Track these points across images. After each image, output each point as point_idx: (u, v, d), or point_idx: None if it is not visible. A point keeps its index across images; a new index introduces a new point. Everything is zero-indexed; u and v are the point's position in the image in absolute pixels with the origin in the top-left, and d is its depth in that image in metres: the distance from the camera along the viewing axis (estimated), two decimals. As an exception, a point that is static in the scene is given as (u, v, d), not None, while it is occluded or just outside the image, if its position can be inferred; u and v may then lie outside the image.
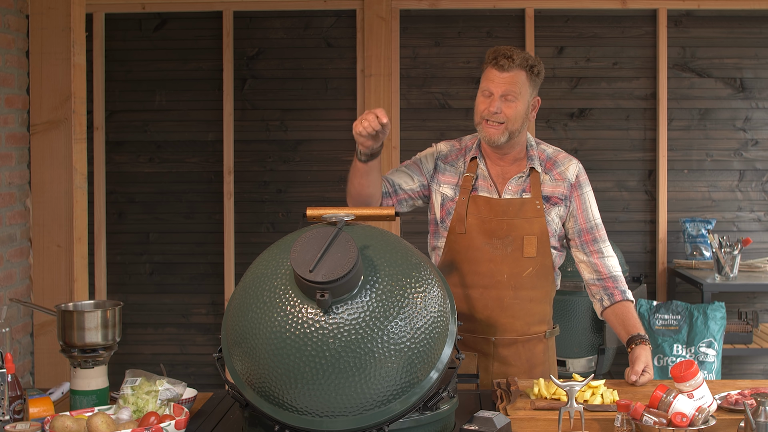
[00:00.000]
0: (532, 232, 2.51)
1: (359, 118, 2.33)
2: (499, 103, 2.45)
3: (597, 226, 2.58)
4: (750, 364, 4.77)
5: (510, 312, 2.53)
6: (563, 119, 4.77)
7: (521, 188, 2.55)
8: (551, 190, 2.55)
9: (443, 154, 2.63)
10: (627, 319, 2.53)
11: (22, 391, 2.07)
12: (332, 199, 4.70)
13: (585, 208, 2.57)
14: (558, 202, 2.55)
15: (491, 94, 2.47)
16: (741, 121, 4.74)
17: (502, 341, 2.55)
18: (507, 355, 2.56)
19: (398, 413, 1.82)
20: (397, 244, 1.99)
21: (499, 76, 2.46)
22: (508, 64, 2.44)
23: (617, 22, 4.76)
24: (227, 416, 2.19)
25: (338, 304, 1.78)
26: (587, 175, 2.62)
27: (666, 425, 1.91)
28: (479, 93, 2.52)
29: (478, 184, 2.56)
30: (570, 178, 2.57)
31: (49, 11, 3.83)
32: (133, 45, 4.81)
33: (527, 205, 2.52)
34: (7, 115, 3.74)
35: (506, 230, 2.50)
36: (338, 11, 4.77)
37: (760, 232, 4.75)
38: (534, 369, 2.60)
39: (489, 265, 2.51)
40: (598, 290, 2.58)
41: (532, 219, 2.51)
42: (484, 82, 2.50)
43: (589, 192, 2.60)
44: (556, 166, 2.58)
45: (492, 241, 2.50)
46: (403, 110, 4.75)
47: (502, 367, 2.56)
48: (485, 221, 2.51)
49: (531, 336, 2.58)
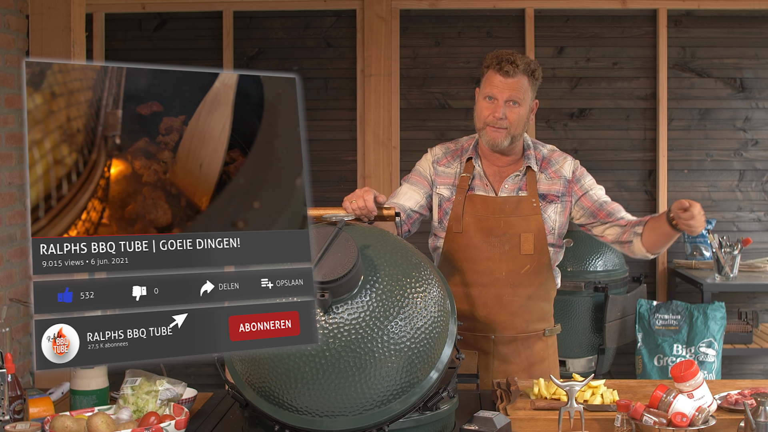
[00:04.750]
0: (528, 230, 2.53)
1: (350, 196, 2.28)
2: (504, 108, 2.48)
3: (607, 202, 2.58)
4: (750, 364, 4.77)
5: (509, 309, 2.55)
6: (563, 119, 4.77)
7: (517, 186, 2.57)
8: (547, 188, 2.57)
9: (438, 157, 2.65)
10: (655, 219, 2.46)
11: (22, 391, 2.07)
12: (332, 199, 4.70)
13: (587, 192, 2.59)
14: (554, 199, 2.57)
15: (495, 100, 2.49)
16: (741, 121, 4.74)
17: (501, 339, 2.57)
18: (507, 352, 2.58)
19: (398, 413, 1.82)
20: (397, 244, 1.99)
21: (503, 82, 2.47)
22: (513, 70, 2.46)
23: (617, 22, 4.76)
24: (227, 416, 2.19)
25: (338, 304, 1.78)
26: (584, 169, 2.64)
27: (666, 425, 1.92)
28: (481, 97, 2.53)
29: (474, 184, 2.58)
30: (566, 175, 2.59)
31: (49, 11, 3.83)
32: (133, 45, 4.81)
33: (524, 203, 2.54)
34: (7, 115, 3.74)
35: (503, 228, 2.53)
36: (338, 11, 4.77)
37: (760, 232, 4.75)
38: (534, 367, 2.61)
39: (487, 263, 2.53)
40: (629, 231, 2.52)
41: (528, 216, 2.54)
42: (487, 87, 2.51)
43: (589, 181, 2.62)
44: (551, 164, 2.60)
45: (489, 239, 2.53)
46: (403, 110, 4.75)
47: (502, 365, 2.58)
48: (482, 219, 2.53)
49: (530, 333, 2.60)
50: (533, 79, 2.51)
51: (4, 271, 3.70)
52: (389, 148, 4.67)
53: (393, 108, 4.70)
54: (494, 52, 2.53)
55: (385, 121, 4.66)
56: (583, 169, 2.64)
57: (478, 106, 2.54)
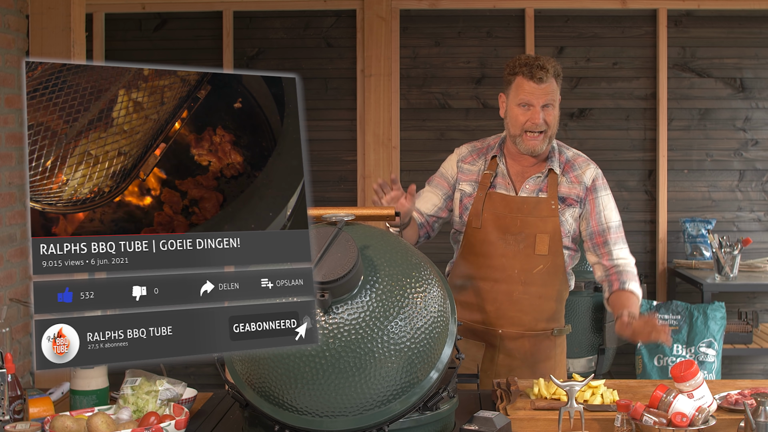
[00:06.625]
0: (545, 231, 2.56)
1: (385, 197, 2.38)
2: (542, 113, 2.52)
3: (609, 229, 2.60)
4: (750, 364, 4.77)
5: (518, 306, 2.58)
6: (563, 119, 4.76)
7: (538, 188, 2.60)
8: (567, 192, 2.60)
9: (464, 155, 2.71)
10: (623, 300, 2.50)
11: (22, 391, 2.07)
12: (332, 199, 4.70)
13: (598, 211, 2.60)
14: (573, 203, 2.60)
15: (531, 106, 2.52)
16: (741, 121, 4.74)
17: (508, 334, 2.61)
18: (513, 348, 2.61)
19: (398, 413, 1.82)
20: (397, 244, 1.99)
21: (537, 88, 2.51)
22: (545, 75, 2.51)
23: (617, 22, 4.76)
24: (227, 416, 2.19)
25: (338, 304, 1.78)
26: (606, 180, 2.65)
27: (666, 425, 1.92)
28: (514, 104, 2.55)
29: (496, 182, 2.63)
30: (586, 182, 2.62)
31: (49, 11, 3.83)
32: (133, 45, 4.81)
33: (542, 204, 2.57)
34: (7, 115, 3.74)
35: (520, 227, 2.56)
36: (338, 11, 4.76)
37: (760, 232, 4.75)
38: (538, 364, 2.64)
39: (501, 259, 2.58)
40: (605, 284, 2.60)
41: (546, 218, 2.56)
42: (521, 94, 2.53)
43: (605, 196, 2.63)
44: (573, 168, 2.63)
45: (505, 237, 2.57)
46: (403, 110, 4.75)
47: (507, 359, 2.62)
48: (500, 217, 2.58)
49: (539, 332, 2.63)
50: (559, 79, 2.57)
51: (4, 271, 3.70)
52: (389, 148, 4.67)
53: (393, 108, 4.70)
54: (519, 58, 2.55)
55: (385, 121, 4.66)
56: (604, 181, 2.65)
57: (513, 113, 2.56)
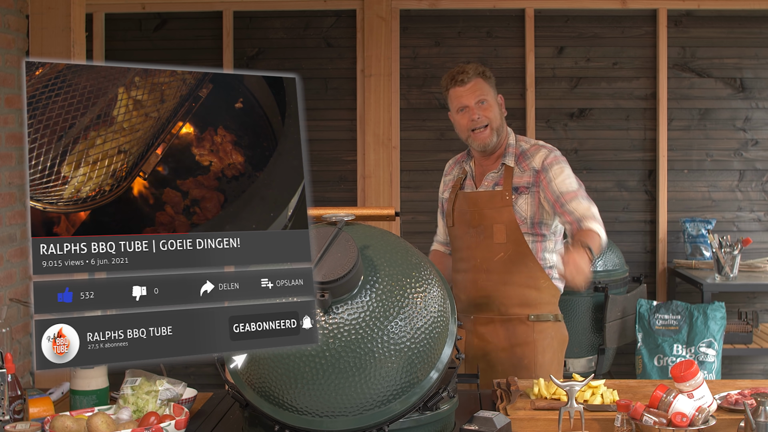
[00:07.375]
0: (500, 221, 2.72)
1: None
2: (477, 110, 2.72)
3: (564, 194, 2.65)
4: (750, 364, 4.77)
5: (483, 293, 2.75)
6: (563, 119, 4.77)
7: (495, 182, 2.77)
8: (519, 181, 2.74)
9: (446, 170, 2.98)
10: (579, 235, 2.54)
11: (22, 391, 2.07)
12: (332, 199, 4.70)
13: (549, 182, 2.67)
14: (524, 190, 2.72)
15: (466, 107, 2.74)
16: (741, 121, 4.74)
17: (479, 319, 2.79)
18: (484, 332, 2.78)
19: (398, 413, 1.82)
20: (397, 244, 1.99)
21: (464, 90, 2.74)
22: (466, 77, 2.73)
23: (617, 22, 4.76)
24: (227, 416, 2.19)
25: (338, 304, 1.78)
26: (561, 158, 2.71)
27: (666, 425, 1.92)
28: (454, 113, 2.80)
29: (465, 183, 2.86)
30: (535, 166, 2.73)
31: (49, 11, 3.83)
32: (133, 45, 4.81)
33: (496, 197, 2.74)
34: (7, 115, 3.74)
35: (478, 220, 2.76)
36: (338, 11, 4.77)
37: (760, 232, 4.75)
38: (516, 348, 2.73)
39: (467, 251, 2.79)
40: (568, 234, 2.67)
41: (500, 208, 2.72)
42: (454, 101, 2.77)
43: (556, 169, 2.68)
44: (525, 158, 2.76)
45: (469, 230, 2.78)
46: (403, 110, 4.75)
47: (481, 343, 2.78)
48: (463, 213, 2.80)
49: (510, 316, 2.74)
50: (485, 77, 2.75)
51: (4, 271, 3.70)
52: (389, 148, 4.67)
53: (393, 108, 4.70)
54: (445, 75, 2.80)
55: (385, 121, 4.66)
56: (556, 159, 2.70)
57: (456, 122, 2.79)
